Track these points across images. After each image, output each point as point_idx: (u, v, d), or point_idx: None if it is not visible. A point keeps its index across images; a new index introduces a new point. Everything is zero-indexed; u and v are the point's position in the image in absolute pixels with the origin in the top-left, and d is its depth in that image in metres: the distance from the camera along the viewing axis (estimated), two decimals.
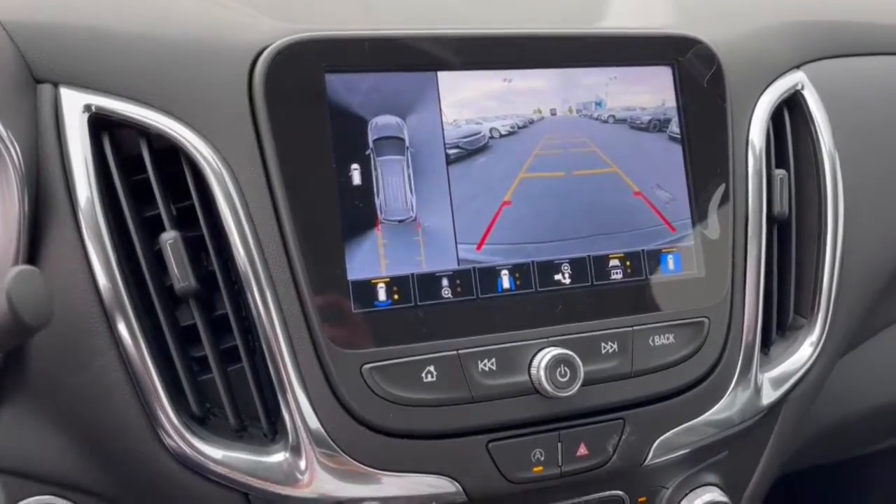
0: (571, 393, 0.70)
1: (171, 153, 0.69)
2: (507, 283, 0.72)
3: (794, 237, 0.85)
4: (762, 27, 0.90)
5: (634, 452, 0.74)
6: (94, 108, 0.67)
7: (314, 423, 0.66)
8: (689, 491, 0.80)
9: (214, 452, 0.66)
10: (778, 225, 0.85)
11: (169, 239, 0.66)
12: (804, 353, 0.83)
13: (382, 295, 0.69)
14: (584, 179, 0.76)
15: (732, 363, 0.78)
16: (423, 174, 0.71)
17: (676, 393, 0.76)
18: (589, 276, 0.75)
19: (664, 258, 0.77)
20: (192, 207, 0.69)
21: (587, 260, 0.75)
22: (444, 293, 0.71)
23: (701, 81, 0.80)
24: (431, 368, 0.69)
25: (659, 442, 0.75)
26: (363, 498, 0.68)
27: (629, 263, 0.76)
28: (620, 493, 0.77)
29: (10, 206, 0.64)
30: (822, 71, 0.91)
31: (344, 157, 0.69)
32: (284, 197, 0.67)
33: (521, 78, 0.75)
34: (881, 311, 0.95)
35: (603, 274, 0.75)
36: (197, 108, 0.68)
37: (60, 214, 0.66)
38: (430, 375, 0.69)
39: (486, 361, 0.70)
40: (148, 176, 0.68)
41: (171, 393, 0.66)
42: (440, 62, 0.72)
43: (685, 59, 0.79)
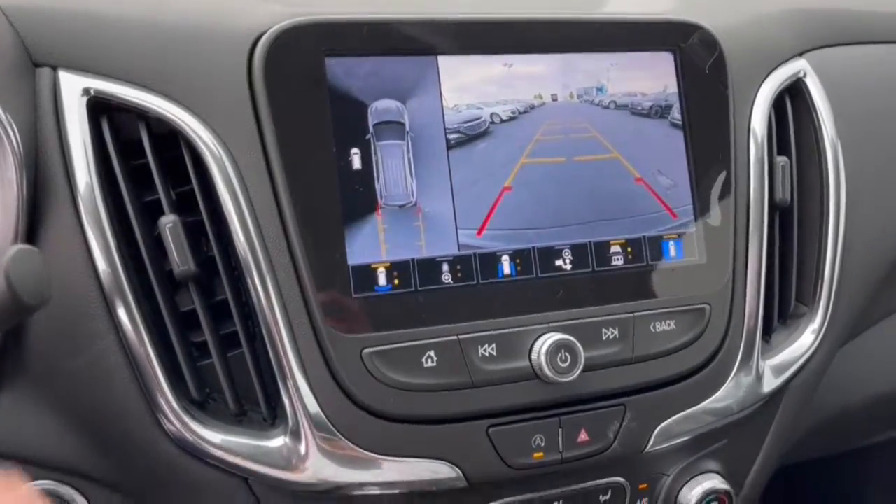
0: (572, 378, 0.70)
1: (170, 138, 0.68)
2: (507, 268, 0.72)
3: (795, 225, 0.85)
4: (764, 14, 0.90)
5: (635, 439, 0.74)
6: (92, 91, 0.66)
7: (314, 407, 0.66)
8: (689, 478, 0.79)
9: (214, 437, 0.66)
10: (780, 212, 0.84)
11: (168, 223, 0.66)
12: (806, 340, 0.83)
13: (383, 280, 0.69)
14: (585, 165, 0.75)
15: (734, 350, 0.78)
16: (423, 159, 0.71)
17: (677, 379, 0.76)
18: (590, 262, 0.74)
19: (665, 244, 0.77)
20: (191, 192, 0.68)
21: (588, 246, 0.74)
22: (444, 278, 0.70)
23: (703, 68, 0.80)
24: (432, 353, 0.68)
25: (660, 428, 0.75)
26: (363, 483, 0.68)
27: (630, 249, 0.76)
28: (621, 479, 0.76)
29: (8, 189, 0.64)
30: (824, 59, 0.91)
31: (344, 141, 0.69)
32: (284, 181, 0.67)
33: (522, 63, 0.74)
34: (882, 300, 0.95)
35: (604, 260, 0.75)
36: (196, 92, 0.68)
37: (59, 198, 0.66)
38: (430, 360, 0.68)
39: (486, 347, 0.70)
40: (147, 160, 0.68)
41: (170, 377, 0.66)
42: (441, 46, 0.72)
43: (687, 45, 0.79)
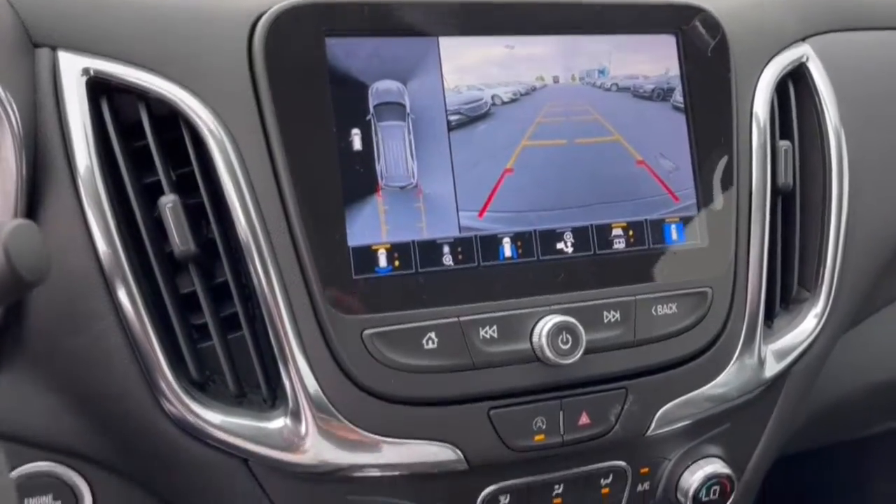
0: (573, 360, 0.69)
1: (170, 119, 0.68)
2: (508, 251, 0.72)
3: (798, 209, 0.84)
4: None
5: (637, 422, 0.74)
6: (92, 71, 0.66)
7: (314, 388, 0.66)
8: (691, 462, 0.79)
9: (214, 417, 0.66)
10: (782, 197, 0.84)
11: (168, 202, 0.66)
12: (808, 325, 0.83)
13: (383, 261, 0.68)
14: (586, 148, 0.75)
15: (735, 334, 0.78)
16: (424, 140, 0.70)
17: (679, 363, 0.75)
18: (591, 244, 0.74)
19: (667, 228, 0.77)
20: (191, 174, 0.68)
21: (590, 229, 0.74)
22: (445, 260, 0.70)
23: (705, 51, 0.79)
24: (432, 335, 0.68)
25: (661, 412, 0.74)
26: (363, 465, 0.67)
27: (632, 233, 0.75)
28: (622, 463, 0.76)
29: (7, 169, 0.64)
30: (827, 44, 0.91)
31: (344, 122, 0.68)
32: (285, 162, 0.67)
33: (523, 45, 0.74)
34: (884, 286, 0.94)
35: (605, 243, 0.74)
36: (196, 72, 0.67)
37: (59, 179, 0.66)
38: (430, 342, 0.68)
39: (487, 328, 0.70)
40: (147, 142, 0.67)
41: (170, 358, 0.66)
42: (442, 27, 0.71)
43: (689, 27, 0.79)
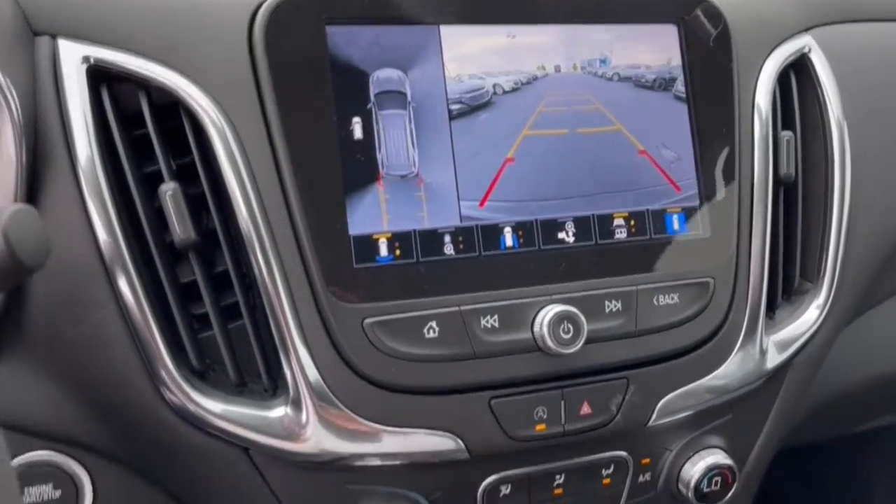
0: (575, 350, 0.69)
1: (170, 109, 0.68)
2: (510, 240, 0.72)
3: (800, 200, 0.84)
4: None
5: (638, 412, 0.74)
6: (92, 59, 0.66)
7: (315, 377, 0.66)
8: (693, 453, 0.79)
9: (214, 406, 0.66)
10: (784, 188, 0.84)
11: (168, 190, 0.66)
12: (810, 316, 0.83)
13: (384, 250, 0.68)
14: (588, 137, 0.75)
15: (737, 325, 0.77)
16: (425, 129, 0.70)
17: (681, 353, 0.75)
18: (593, 234, 0.74)
19: (669, 218, 0.76)
20: (192, 164, 0.68)
21: (591, 218, 0.74)
22: (446, 250, 0.70)
23: (707, 41, 0.79)
24: (433, 324, 0.68)
25: (663, 402, 0.74)
26: (364, 454, 0.67)
27: (633, 222, 0.75)
28: (624, 453, 0.76)
29: (7, 156, 0.64)
30: (829, 36, 0.90)
31: (345, 110, 0.68)
32: (285, 150, 0.66)
33: (524, 34, 0.74)
34: (886, 279, 0.94)
35: (607, 233, 0.74)
36: (197, 60, 0.67)
37: (59, 167, 0.65)
38: (431, 331, 0.68)
39: (488, 318, 0.69)
40: (147, 131, 0.67)
41: (170, 347, 0.66)
42: (443, 15, 0.71)
43: (691, 17, 0.79)
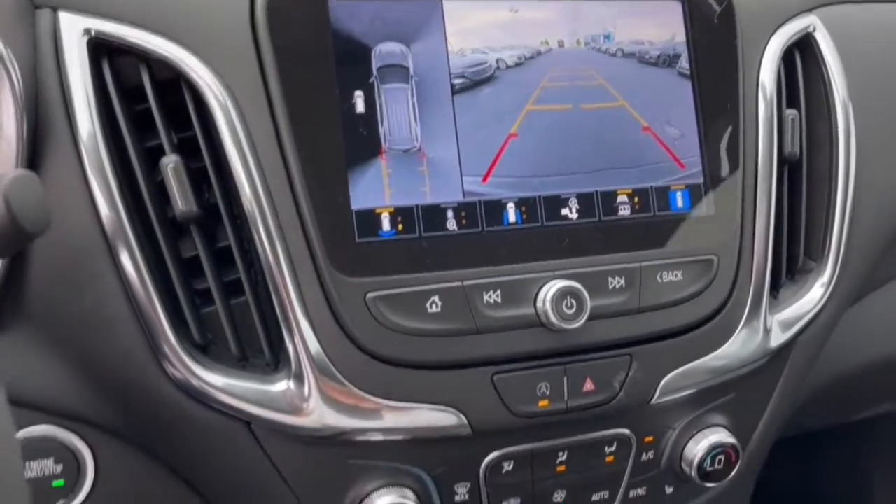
0: (578, 325, 0.69)
1: (171, 83, 0.68)
2: (512, 216, 0.71)
3: (804, 179, 0.83)
4: None
5: (641, 390, 0.73)
6: (93, 32, 0.66)
7: (317, 351, 0.65)
8: (696, 432, 0.78)
9: (216, 380, 0.65)
10: (788, 167, 0.83)
11: (170, 163, 0.65)
12: (814, 294, 0.82)
13: (386, 225, 0.68)
14: (591, 113, 0.74)
15: (741, 303, 0.77)
16: (427, 103, 0.70)
17: (684, 331, 0.75)
18: (596, 211, 0.73)
19: (673, 195, 0.76)
20: (193, 138, 0.68)
21: (595, 195, 0.73)
22: (448, 225, 0.69)
23: (711, 17, 0.79)
24: (436, 299, 0.68)
25: (666, 380, 0.74)
26: (366, 428, 0.67)
27: (637, 199, 0.75)
28: (627, 431, 0.76)
29: (8, 128, 0.63)
30: (834, 15, 0.90)
31: (347, 84, 0.68)
32: (287, 124, 0.66)
33: (528, 8, 0.73)
34: (888, 261, 0.94)
35: (611, 209, 0.74)
36: (198, 33, 0.67)
37: (60, 141, 0.65)
38: (434, 306, 0.68)
39: (491, 293, 0.69)
40: (149, 105, 0.67)
41: (173, 321, 0.65)
42: None
43: None
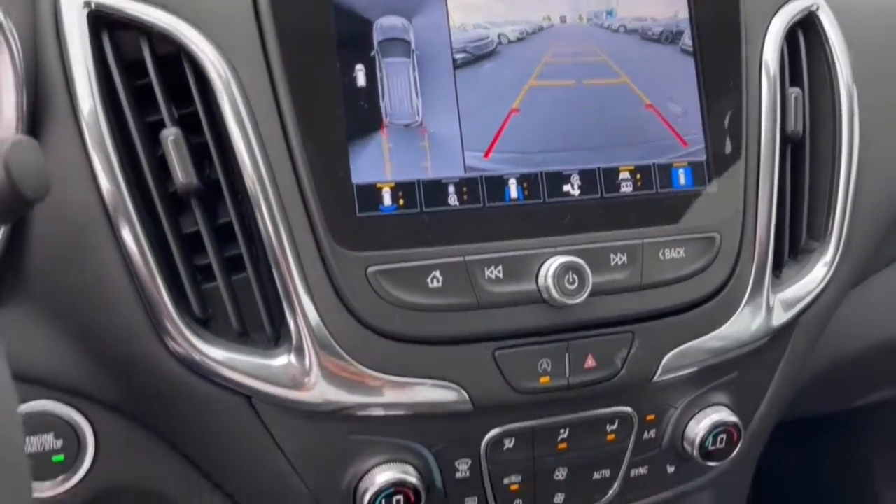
0: (579, 301, 0.68)
1: (172, 58, 0.67)
2: (514, 192, 0.71)
3: (807, 158, 0.83)
4: None
5: (643, 367, 0.73)
6: (93, 4, 0.65)
7: (318, 324, 0.65)
8: (698, 411, 0.78)
9: (217, 354, 0.65)
10: (792, 146, 0.83)
11: (170, 135, 0.65)
12: (817, 274, 0.82)
13: (388, 199, 0.68)
14: (594, 89, 0.74)
15: (744, 281, 0.77)
16: (429, 78, 0.69)
17: (686, 308, 0.74)
18: (599, 187, 0.73)
19: (675, 172, 0.76)
20: (194, 113, 0.67)
21: (597, 171, 0.73)
22: (450, 200, 0.69)
23: None
24: (437, 274, 0.67)
25: (668, 357, 0.73)
26: (366, 403, 0.67)
27: (640, 176, 0.74)
28: (628, 409, 0.75)
29: (8, 101, 0.63)
30: None
31: (348, 57, 0.67)
32: (288, 97, 0.66)
33: None
34: (892, 241, 0.93)
35: (613, 186, 0.73)
36: (200, 7, 0.66)
37: (61, 114, 0.65)
38: (435, 281, 0.67)
39: (492, 269, 0.69)
40: (149, 79, 0.66)
41: (173, 295, 0.65)
42: None
43: None
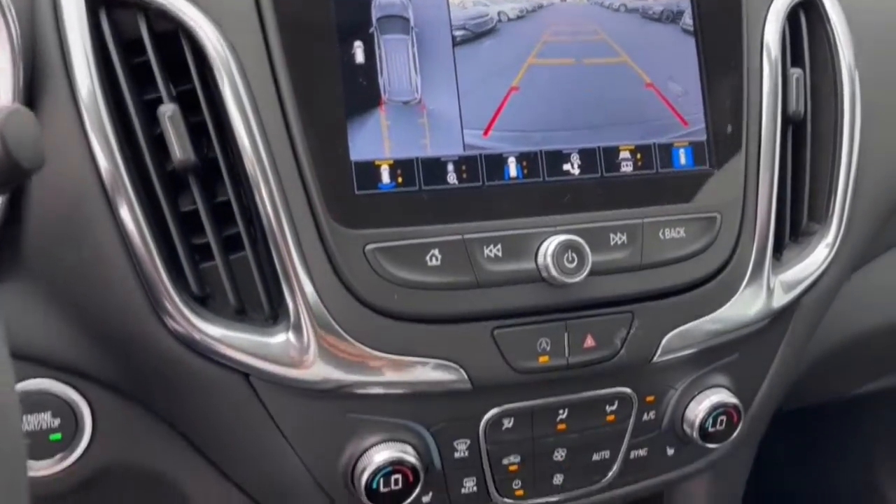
0: (579, 279, 0.68)
1: (170, 36, 0.67)
2: (514, 171, 0.71)
3: (809, 139, 0.83)
4: None
5: (642, 347, 0.73)
6: None
7: (316, 302, 0.65)
8: (697, 392, 0.78)
9: (215, 331, 0.65)
10: (793, 127, 0.82)
11: (167, 111, 0.65)
12: (818, 256, 0.81)
13: (386, 177, 0.67)
14: (594, 68, 0.73)
15: (744, 261, 0.76)
16: (428, 55, 0.69)
17: (687, 288, 0.74)
18: (598, 166, 0.73)
19: (676, 152, 0.75)
20: (192, 91, 0.67)
21: (597, 151, 0.73)
22: (449, 178, 0.69)
23: None
24: (436, 252, 0.67)
25: (668, 338, 0.73)
26: (365, 381, 0.66)
27: (640, 156, 0.74)
28: (628, 390, 0.75)
29: (4, 79, 0.63)
30: None
31: (347, 34, 0.67)
32: (286, 74, 0.65)
33: None
34: (893, 225, 0.93)
35: (613, 165, 0.73)
36: None
37: (58, 92, 0.64)
38: (434, 258, 0.67)
39: (491, 247, 0.68)
40: (147, 58, 0.66)
41: (171, 273, 0.65)
42: None
43: None
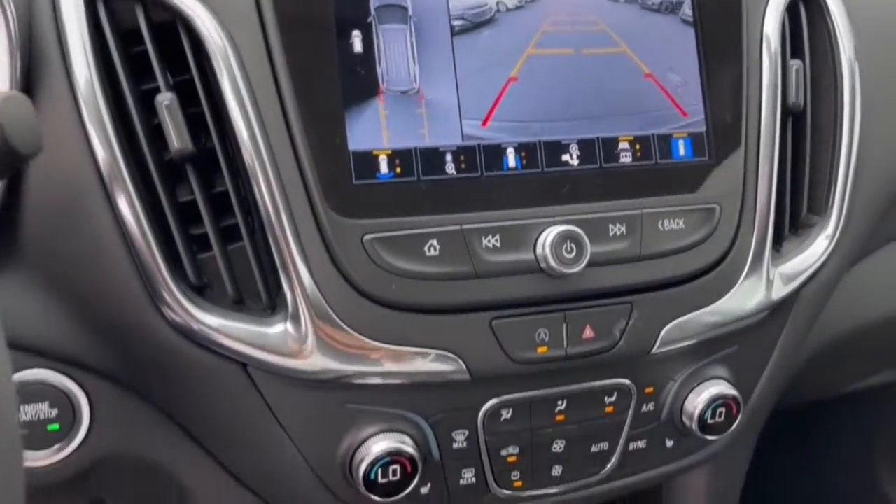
0: (577, 270, 0.68)
1: (167, 26, 0.67)
2: (512, 161, 0.70)
3: (808, 130, 0.82)
4: None
5: (641, 339, 0.73)
6: None
7: (314, 293, 0.65)
8: (697, 384, 0.78)
9: (212, 321, 0.65)
10: (793, 119, 0.82)
11: (164, 100, 0.64)
12: (817, 248, 0.81)
13: (384, 167, 0.67)
14: (593, 59, 0.73)
15: (743, 253, 0.76)
16: (426, 45, 0.69)
17: (686, 280, 0.74)
18: (598, 157, 0.72)
19: (675, 143, 0.75)
20: (190, 81, 0.67)
21: (596, 141, 0.72)
22: (447, 168, 0.69)
23: None
24: (434, 242, 0.67)
25: (667, 329, 0.73)
26: (363, 372, 0.66)
27: (639, 146, 0.74)
28: (627, 381, 0.75)
29: (2, 70, 0.63)
30: None
31: (345, 23, 0.67)
32: (284, 63, 0.65)
33: None
34: (890, 221, 0.93)
35: (612, 156, 0.73)
36: None
37: (56, 81, 0.64)
38: (432, 249, 0.67)
39: (490, 237, 0.68)
40: (145, 47, 0.66)
41: (169, 263, 0.65)
42: None
43: None
